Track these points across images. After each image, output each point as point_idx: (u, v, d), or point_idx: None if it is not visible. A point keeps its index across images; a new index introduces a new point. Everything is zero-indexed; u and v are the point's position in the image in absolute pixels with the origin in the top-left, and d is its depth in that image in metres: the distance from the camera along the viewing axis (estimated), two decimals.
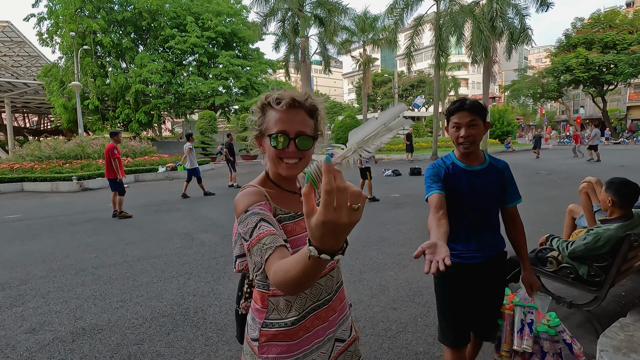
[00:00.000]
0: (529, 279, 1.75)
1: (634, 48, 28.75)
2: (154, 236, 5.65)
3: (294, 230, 1.00)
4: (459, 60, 45.09)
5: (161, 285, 3.69)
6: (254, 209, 0.93)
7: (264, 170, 1.08)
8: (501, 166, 1.71)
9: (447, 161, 1.72)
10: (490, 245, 1.71)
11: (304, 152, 0.97)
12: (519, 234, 1.76)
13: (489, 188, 1.65)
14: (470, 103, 1.58)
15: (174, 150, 23.50)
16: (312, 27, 22.76)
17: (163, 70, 26.14)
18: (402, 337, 2.60)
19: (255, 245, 0.86)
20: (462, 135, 1.58)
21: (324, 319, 1.06)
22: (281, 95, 0.96)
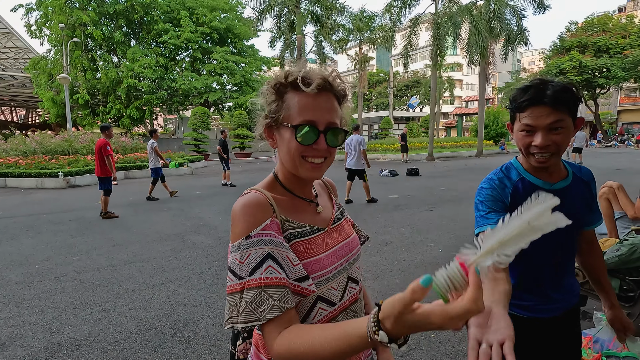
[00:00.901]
0: (621, 320, 1.28)
1: (627, 52, 29.06)
2: (142, 237, 5.34)
3: (309, 250, 0.76)
4: (454, 61, 45.21)
5: (149, 293, 3.40)
6: (261, 235, 0.69)
7: (272, 172, 0.83)
8: (587, 177, 1.22)
9: (511, 176, 1.17)
10: (570, 290, 1.25)
11: (332, 149, 0.76)
12: (599, 259, 1.31)
13: (577, 214, 1.16)
14: (553, 93, 0.99)
15: (166, 147, 23.06)
16: (309, 24, 22.51)
17: (156, 65, 25.67)
18: (415, 356, 2.36)
19: (254, 290, 0.66)
20: (537, 144, 1.03)
21: None
22: (308, 73, 0.73)
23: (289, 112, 0.74)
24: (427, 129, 21.50)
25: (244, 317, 0.65)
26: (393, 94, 38.81)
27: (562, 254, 1.20)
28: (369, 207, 7.10)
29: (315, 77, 0.72)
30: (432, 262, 4.05)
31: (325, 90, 0.73)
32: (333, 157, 0.78)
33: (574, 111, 1.03)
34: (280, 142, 0.77)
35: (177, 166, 15.54)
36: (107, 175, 6.77)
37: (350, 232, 0.89)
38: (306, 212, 0.82)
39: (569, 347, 1.27)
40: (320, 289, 0.75)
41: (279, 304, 0.65)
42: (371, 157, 21.02)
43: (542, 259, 1.18)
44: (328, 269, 0.77)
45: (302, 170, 0.76)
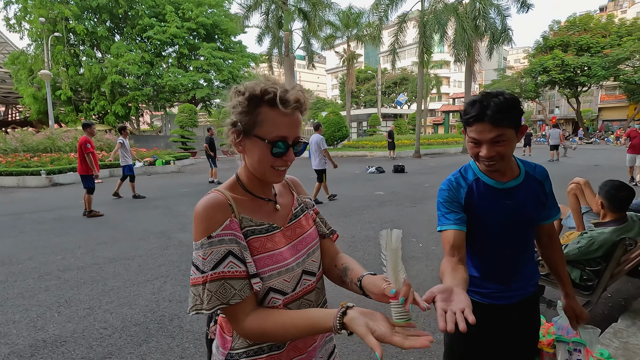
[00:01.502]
0: (574, 308, 1.39)
1: (607, 51, 29.82)
2: (128, 235, 5.34)
3: (264, 246, 0.84)
4: (441, 58, 45.65)
5: (134, 290, 3.44)
6: (221, 235, 0.78)
7: (235, 174, 0.91)
8: (540, 175, 1.30)
9: (468, 176, 1.29)
10: (528, 280, 1.35)
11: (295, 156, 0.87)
12: (558, 253, 1.40)
13: (529, 210, 1.26)
14: (494, 111, 1.08)
15: (153, 144, 22.78)
16: (296, 21, 22.46)
17: (141, 61, 25.21)
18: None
19: (216, 281, 0.77)
20: (483, 155, 1.15)
21: (301, 350, 0.90)
22: (284, 94, 0.80)
23: (263, 126, 0.81)
24: (415, 126, 21.74)
25: (209, 305, 0.77)
26: (381, 91, 39.04)
27: (518, 247, 1.31)
28: (354, 203, 7.22)
29: (291, 97, 0.80)
30: (413, 256, 4.19)
31: (296, 108, 0.82)
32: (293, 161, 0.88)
33: (516, 123, 1.14)
34: (250, 151, 0.84)
35: (163, 164, 15.41)
36: (89, 173, 6.72)
37: (308, 227, 0.97)
38: (265, 210, 0.90)
39: (526, 331, 1.39)
40: (272, 281, 0.83)
41: (240, 293, 0.78)
42: (359, 154, 21.20)
43: (499, 252, 1.30)
44: (280, 263, 0.85)
45: (269, 177, 0.86)
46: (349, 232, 5.22)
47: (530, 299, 1.37)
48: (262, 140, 0.81)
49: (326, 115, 23.62)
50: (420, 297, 0.74)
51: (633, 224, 2.35)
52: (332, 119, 22.80)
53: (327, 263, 1.02)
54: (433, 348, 2.44)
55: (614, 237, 2.26)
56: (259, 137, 0.82)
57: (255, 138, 0.82)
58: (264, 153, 0.82)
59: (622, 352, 1.97)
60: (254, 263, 0.81)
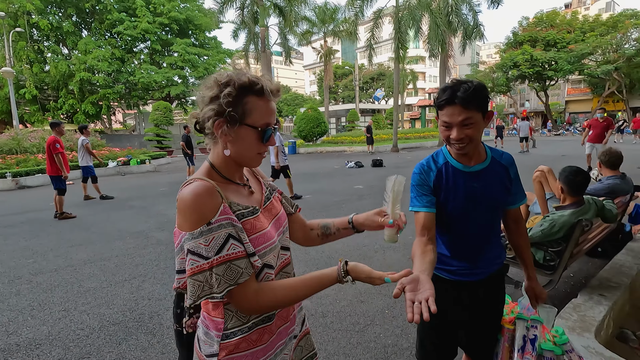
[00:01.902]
0: (534, 288, 1.50)
1: (572, 47, 31.21)
2: (103, 237, 5.21)
3: (254, 227, 0.90)
4: (417, 54, 46.39)
5: (111, 290, 3.38)
6: (220, 220, 0.81)
7: (207, 162, 0.93)
8: (506, 161, 1.38)
9: (439, 161, 1.38)
10: (492, 259, 1.45)
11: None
12: (523, 238, 1.49)
13: (493, 193, 1.34)
14: (463, 94, 1.17)
15: (126, 144, 22.11)
16: (272, 16, 22.24)
17: (111, 58, 24.35)
18: (371, 331, 2.57)
19: (222, 265, 0.80)
20: (453, 137, 1.23)
21: (286, 319, 1.00)
22: (269, 84, 0.88)
23: (252, 115, 0.86)
24: (392, 120, 22.07)
25: (220, 288, 0.79)
26: (359, 87, 39.31)
27: (484, 229, 1.40)
28: (334, 198, 7.30)
29: (274, 87, 0.88)
30: (390, 246, 4.30)
31: (276, 97, 0.90)
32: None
33: (483, 107, 1.22)
34: (240, 139, 0.87)
35: (138, 163, 14.99)
36: (59, 174, 6.49)
37: (279, 208, 1.05)
38: (243, 195, 0.95)
39: (491, 305, 1.50)
40: (266, 257, 0.91)
41: (246, 270, 0.82)
42: (338, 149, 21.32)
43: (466, 232, 1.39)
44: (270, 241, 0.92)
45: (254, 162, 0.93)
46: None
47: (495, 276, 1.47)
48: (254, 128, 0.87)
49: (305, 112, 23.58)
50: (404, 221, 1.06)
51: (589, 207, 2.52)
52: (310, 115, 22.79)
53: (303, 232, 1.16)
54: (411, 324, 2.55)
55: (573, 219, 2.42)
56: (250, 125, 0.86)
57: (245, 126, 0.86)
58: (254, 140, 0.88)
59: (580, 324, 2.13)
60: (250, 243, 0.86)
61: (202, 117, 0.88)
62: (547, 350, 1.46)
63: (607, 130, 8.95)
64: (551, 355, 1.45)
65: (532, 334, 1.46)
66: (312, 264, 3.86)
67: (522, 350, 1.43)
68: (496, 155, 1.37)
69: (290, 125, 40.35)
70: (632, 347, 2.38)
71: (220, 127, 0.86)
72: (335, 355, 2.31)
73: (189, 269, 0.80)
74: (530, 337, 1.45)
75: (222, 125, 0.86)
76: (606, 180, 3.34)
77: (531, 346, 1.44)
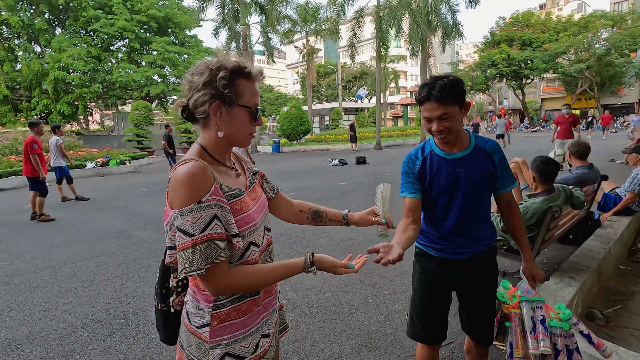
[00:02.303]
0: (530, 269, 1.55)
1: (546, 46, 32.30)
2: (83, 237, 5.10)
3: (241, 208, 0.95)
4: (398, 53, 46.94)
5: (94, 289, 3.33)
6: (210, 200, 0.85)
7: (197, 144, 0.97)
8: (490, 148, 1.45)
9: (425, 149, 1.49)
10: (479, 241, 1.52)
11: None
12: (517, 220, 1.55)
13: (475, 178, 1.42)
14: (439, 91, 1.27)
15: (105, 145, 21.54)
16: (254, 14, 22.07)
17: (87, 56, 23.64)
18: (355, 319, 2.64)
19: (204, 243, 0.83)
20: (434, 129, 1.36)
21: (270, 292, 1.07)
22: (256, 68, 0.97)
23: (244, 96, 0.92)
24: (375, 119, 22.30)
25: (200, 264, 0.83)
26: (342, 86, 39.49)
27: (468, 212, 1.47)
28: (319, 195, 7.36)
29: (259, 70, 0.97)
30: (373, 239, 4.39)
31: (259, 79, 0.98)
32: None
33: (460, 100, 1.33)
34: (234, 120, 0.93)
35: (118, 164, 14.66)
36: (36, 175, 6.30)
37: (261, 192, 1.11)
38: (231, 177, 0.99)
39: (478, 284, 1.56)
40: (252, 235, 0.97)
41: (224, 252, 0.86)
42: (322, 147, 21.41)
43: (449, 214, 1.48)
44: (256, 220, 0.99)
45: (246, 142, 0.99)
46: None
47: (482, 256, 1.53)
48: (248, 108, 0.93)
49: (288, 111, 23.55)
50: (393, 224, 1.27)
51: (559, 194, 2.66)
52: (294, 114, 22.78)
53: (290, 211, 1.27)
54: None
55: (544, 205, 2.55)
56: (243, 106, 0.93)
57: (239, 107, 0.92)
58: (247, 120, 0.95)
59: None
60: (235, 224, 0.91)
61: (193, 103, 0.91)
62: (555, 327, 1.49)
63: (575, 126, 8.85)
64: (560, 331, 1.48)
65: (540, 315, 1.49)
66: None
67: (534, 332, 1.46)
68: (480, 143, 1.45)
69: (273, 124, 40.14)
70: (599, 325, 2.54)
71: (218, 109, 0.90)
72: (321, 343, 2.36)
73: (177, 245, 0.84)
74: (539, 317, 1.48)
75: (219, 107, 0.90)
76: (575, 170, 3.52)
77: (542, 326, 1.46)
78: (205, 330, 0.94)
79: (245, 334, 0.97)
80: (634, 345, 2.31)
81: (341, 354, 2.25)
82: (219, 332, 0.94)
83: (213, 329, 0.93)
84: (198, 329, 0.95)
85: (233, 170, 1.02)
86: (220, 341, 0.94)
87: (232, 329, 0.95)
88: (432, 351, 1.61)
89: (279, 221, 1.31)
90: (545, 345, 1.43)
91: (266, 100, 51.95)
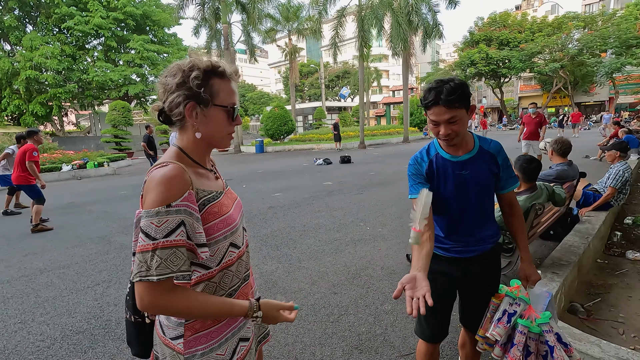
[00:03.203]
0: (525, 269, 1.55)
1: (523, 46, 33.24)
2: (60, 244, 4.91)
3: (220, 210, 0.93)
4: (380, 52, 47.34)
5: (73, 298, 3.20)
6: (180, 206, 0.82)
7: (175, 146, 0.94)
8: (494, 149, 1.47)
9: (430, 152, 1.51)
10: (485, 239, 1.54)
11: None
12: (518, 221, 1.56)
13: (480, 179, 1.44)
14: (447, 95, 1.28)
15: (81, 146, 20.86)
16: (235, 13, 21.79)
17: (61, 55, 22.76)
18: (345, 320, 2.63)
19: (168, 249, 0.79)
20: (442, 133, 1.36)
21: (245, 295, 1.04)
22: (231, 67, 0.95)
23: (219, 96, 0.91)
24: (359, 118, 22.42)
25: (159, 271, 0.79)
26: (325, 85, 39.52)
27: (474, 212, 1.49)
28: (305, 194, 7.33)
29: (234, 70, 0.95)
30: (361, 239, 4.40)
31: (235, 79, 0.96)
32: None
33: (466, 103, 1.33)
34: (211, 120, 0.91)
35: (96, 166, 14.19)
36: (30, 182, 5.88)
37: (235, 194, 1.10)
38: (209, 179, 0.97)
39: (482, 279, 1.58)
40: (233, 236, 0.96)
41: (186, 264, 0.83)
42: (306, 147, 21.37)
43: (457, 216, 1.50)
44: (236, 221, 0.98)
45: (225, 142, 0.97)
46: (299, 221, 5.32)
47: (487, 254, 1.56)
48: (224, 107, 0.92)
49: (271, 110, 23.37)
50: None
51: (542, 192, 2.73)
52: (277, 114, 22.63)
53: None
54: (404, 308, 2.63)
55: (527, 203, 2.61)
56: (220, 105, 0.91)
57: (216, 107, 0.91)
58: (225, 120, 0.93)
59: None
60: (215, 227, 0.89)
61: (168, 106, 0.89)
62: (523, 325, 1.43)
63: (541, 127, 8.28)
64: (525, 330, 1.43)
65: (513, 310, 1.47)
66: (285, 260, 3.87)
67: (498, 320, 1.46)
68: (484, 144, 1.47)
69: (257, 124, 39.80)
70: (580, 318, 2.62)
71: (193, 110, 0.89)
72: (312, 346, 2.34)
73: (137, 247, 0.81)
74: (510, 311, 1.47)
75: (195, 107, 0.89)
76: (555, 167, 3.62)
77: (506, 318, 1.44)
78: (179, 341, 0.91)
79: (221, 341, 0.95)
80: (614, 337, 2.39)
81: (332, 356, 2.23)
82: (194, 342, 0.92)
83: (187, 340, 0.91)
84: (172, 340, 0.92)
85: (212, 172, 1.01)
86: (195, 352, 0.92)
87: (207, 339, 0.93)
88: (434, 348, 1.66)
89: (266, 223, 1.28)
90: (497, 332, 1.41)
91: (249, 99, 51.44)
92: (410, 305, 0.99)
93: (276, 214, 5.85)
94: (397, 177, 8.99)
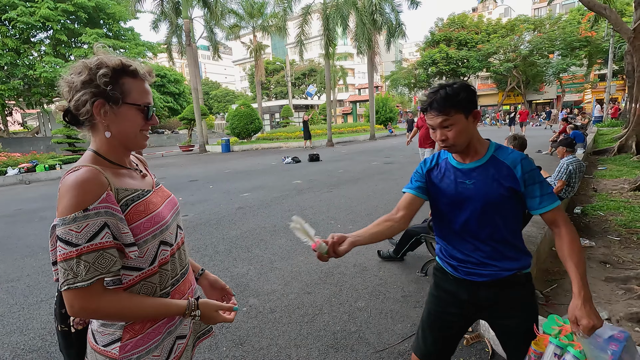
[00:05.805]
0: (575, 310, 1.11)
1: (480, 46, 34.94)
2: (7, 255, 4.51)
3: (147, 208, 0.92)
4: (346, 51, 47.80)
5: (24, 314, 2.95)
6: (98, 208, 0.79)
7: (90, 150, 0.91)
8: (511, 161, 1.25)
9: (441, 156, 1.42)
10: (497, 266, 1.30)
11: None
12: (566, 244, 1.21)
13: (488, 191, 1.25)
14: (440, 99, 1.23)
15: (29, 148, 19.34)
16: (196, 7, 21.08)
17: (2, 49, 20.92)
18: (319, 320, 2.62)
19: (93, 253, 0.78)
20: (437, 138, 1.29)
21: (183, 293, 1.03)
22: (144, 67, 0.94)
23: (131, 95, 0.89)
24: (326, 116, 22.51)
25: (88, 275, 0.77)
26: (291, 83, 39.30)
27: (481, 229, 1.29)
28: (274, 194, 7.25)
29: (147, 69, 0.94)
30: None
31: (148, 79, 0.95)
32: None
33: (464, 108, 1.23)
34: (122, 119, 0.89)
35: (47, 169, 13.20)
36: None
37: (169, 192, 1.08)
38: (134, 178, 0.95)
39: (504, 312, 1.34)
40: (164, 234, 0.94)
41: (116, 264, 0.82)
42: (274, 145, 21.15)
43: (459, 229, 1.33)
44: (166, 218, 0.97)
45: (140, 142, 0.94)
46: (270, 221, 5.24)
47: (503, 283, 1.30)
48: (137, 106, 0.90)
49: (237, 108, 22.88)
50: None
51: None
52: (243, 112, 22.20)
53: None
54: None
55: None
56: (131, 104, 0.89)
57: (127, 105, 0.89)
58: (137, 118, 0.91)
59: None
60: (142, 226, 0.87)
61: (74, 104, 0.86)
62: None
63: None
64: None
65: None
66: (256, 261, 3.80)
67: None
68: (500, 155, 1.29)
69: (222, 122, 38.85)
70: (540, 304, 2.79)
71: (101, 108, 0.86)
72: (287, 348, 2.31)
73: (58, 256, 0.78)
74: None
75: (103, 105, 0.86)
76: None
77: None
78: (115, 346, 0.88)
79: (157, 342, 0.93)
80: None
81: (308, 357, 2.21)
82: (130, 346, 0.89)
83: (123, 344, 0.88)
84: (105, 347, 0.89)
85: (137, 171, 0.98)
86: (130, 356, 0.89)
87: (144, 341, 0.91)
88: None
89: (235, 224, 1.27)
90: None
91: (213, 97, 50.06)
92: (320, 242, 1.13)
93: (245, 214, 5.73)
94: (365, 174, 9.12)
